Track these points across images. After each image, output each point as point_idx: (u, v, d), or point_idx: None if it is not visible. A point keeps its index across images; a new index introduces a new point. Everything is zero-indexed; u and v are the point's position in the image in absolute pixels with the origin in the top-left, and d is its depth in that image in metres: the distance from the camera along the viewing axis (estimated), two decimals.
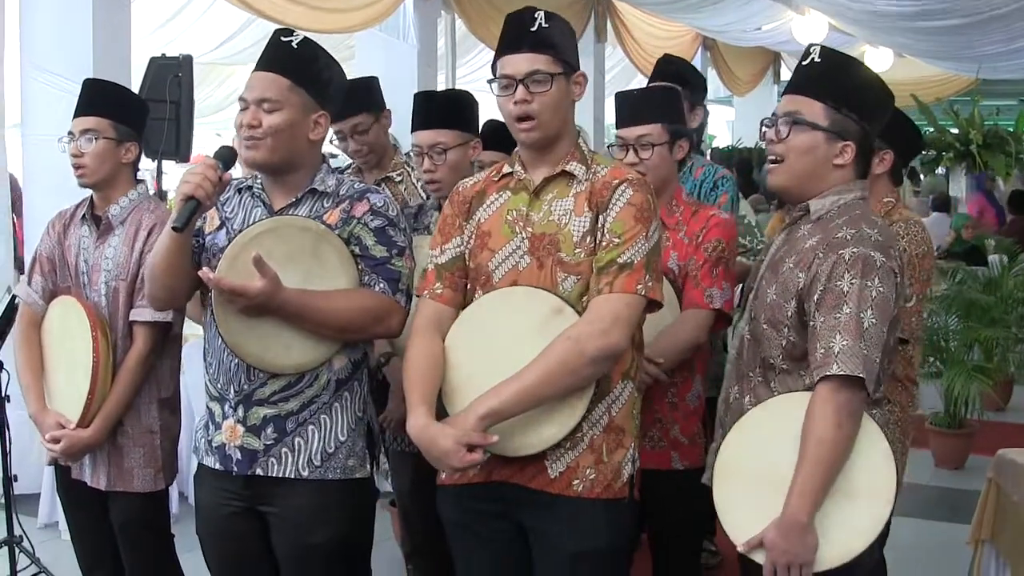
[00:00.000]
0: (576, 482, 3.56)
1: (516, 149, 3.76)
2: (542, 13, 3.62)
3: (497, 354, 3.51)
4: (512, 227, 3.66)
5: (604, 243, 3.52)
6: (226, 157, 3.76)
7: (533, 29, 3.59)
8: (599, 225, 3.54)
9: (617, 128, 4.58)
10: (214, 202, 3.73)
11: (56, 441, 4.42)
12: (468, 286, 3.74)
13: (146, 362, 4.49)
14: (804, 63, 3.57)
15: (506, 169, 3.76)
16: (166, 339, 4.56)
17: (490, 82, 3.69)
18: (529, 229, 3.63)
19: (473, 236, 3.74)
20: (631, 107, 4.56)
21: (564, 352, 3.41)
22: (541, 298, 3.54)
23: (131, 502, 4.55)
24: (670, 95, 4.72)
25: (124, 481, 4.54)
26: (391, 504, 5.66)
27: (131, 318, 4.47)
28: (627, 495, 3.62)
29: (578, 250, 3.55)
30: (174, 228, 3.62)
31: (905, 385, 4.59)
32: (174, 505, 7.08)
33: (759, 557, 3.35)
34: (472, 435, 3.41)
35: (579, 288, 3.54)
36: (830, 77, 3.51)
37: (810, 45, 3.61)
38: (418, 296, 3.79)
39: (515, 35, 3.63)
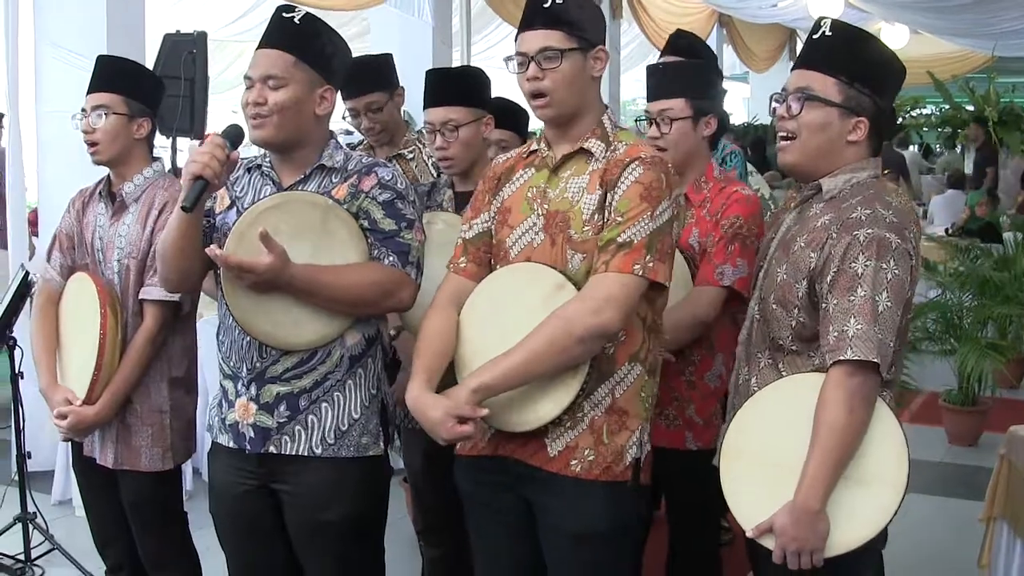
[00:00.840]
0: (574, 462, 3.54)
1: (543, 125, 3.74)
2: None
3: (503, 329, 3.51)
4: (530, 204, 3.66)
5: (609, 221, 3.49)
6: (233, 135, 3.74)
7: (546, 5, 3.55)
8: (607, 203, 3.51)
9: (647, 100, 4.55)
10: (223, 181, 3.71)
11: (63, 417, 4.43)
12: (492, 261, 3.75)
13: (155, 340, 4.48)
14: (815, 36, 3.50)
15: (533, 146, 3.76)
16: (177, 318, 4.55)
17: (507, 60, 3.67)
18: (545, 206, 3.62)
19: (497, 212, 3.76)
20: (655, 81, 4.54)
21: (554, 330, 3.39)
22: (545, 274, 3.53)
23: (139, 481, 4.56)
24: (696, 69, 4.69)
25: (131, 460, 4.54)
26: (404, 481, 5.67)
27: (140, 296, 4.47)
28: (630, 479, 3.58)
29: (586, 228, 3.53)
30: (183, 208, 3.60)
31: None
32: (188, 482, 7.13)
33: (768, 542, 3.33)
34: (462, 407, 3.41)
35: (585, 266, 3.52)
36: (842, 51, 3.44)
37: (820, 18, 3.53)
38: (446, 269, 3.81)
39: (530, 12, 3.60)
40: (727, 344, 4.31)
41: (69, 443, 4.83)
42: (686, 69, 4.69)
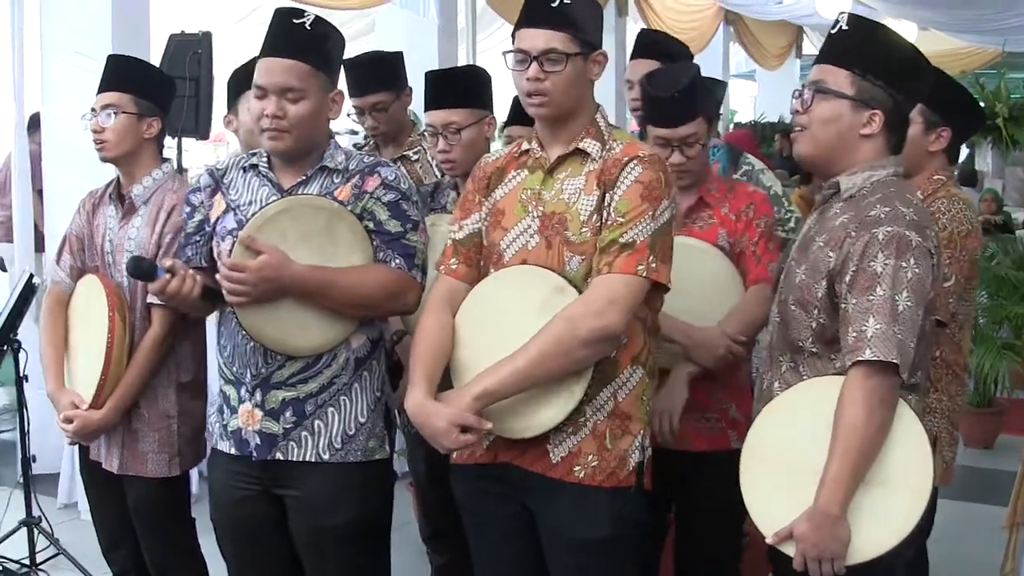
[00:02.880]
0: (577, 468, 3.51)
1: (535, 125, 3.69)
2: None
3: (501, 332, 3.48)
4: (525, 206, 3.62)
5: (609, 222, 3.45)
6: (143, 271, 3.76)
7: (554, 4, 3.50)
8: (606, 203, 3.47)
9: (654, 126, 4.37)
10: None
11: (70, 421, 4.40)
12: (483, 263, 3.71)
13: (162, 345, 4.44)
14: (832, 32, 3.46)
15: (524, 146, 3.72)
16: (186, 322, 4.50)
17: (505, 53, 3.62)
18: (540, 208, 3.59)
19: (489, 213, 3.71)
20: (674, 107, 4.32)
21: (558, 332, 3.36)
22: (543, 276, 3.50)
23: (145, 486, 4.52)
24: (701, 85, 4.59)
25: (137, 465, 4.51)
26: (411, 485, 5.62)
27: (148, 300, 4.42)
28: (633, 484, 3.55)
29: (584, 229, 3.49)
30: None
31: (955, 372, 4.43)
32: (195, 485, 7.08)
33: (789, 549, 3.27)
34: (466, 416, 3.39)
35: (584, 268, 3.49)
36: (856, 44, 3.40)
37: (840, 13, 3.50)
38: (436, 271, 3.77)
39: (535, 8, 3.54)
40: (752, 341, 4.33)
41: (76, 447, 4.81)
42: (695, 86, 4.56)
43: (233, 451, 3.84)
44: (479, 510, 3.75)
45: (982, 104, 17.89)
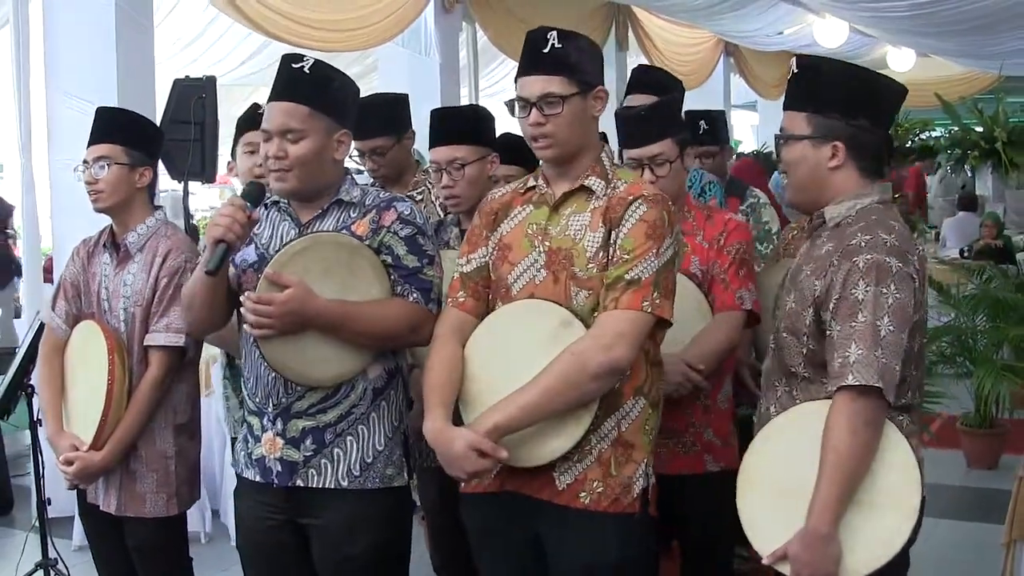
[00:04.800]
0: (583, 494, 3.57)
1: (541, 162, 3.78)
2: (555, 33, 3.61)
3: (508, 366, 3.54)
4: (531, 241, 3.69)
5: (615, 259, 3.53)
6: (254, 195, 3.81)
7: (545, 51, 3.60)
8: (611, 241, 3.55)
9: (626, 148, 4.52)
10: (245, 241, 3.79)
11: (69, 463, 4.44)
12: (491, 296, 3.78)
13: (160, 386, 4.50)
14: (789, 78, 3.58)
15: (531, 182, 3.80)
16: (181, 364, 4.57)
17: (508, 103, 3.72)
18: (547, 243, 3.65)
19: (496, 248, 3.78)
20: (641, 126, 4.49)
21: (567, 367, 3.43)
22: (551, 311, 3.56)
23: (144, 527, 4.55)
24: (672, 107, 4.70)
25: (135, 506, 4.54)
26: (423, 519, 5.66)
27: (145, 342, 4.49)
28: (638, 510, 3.60)
29: (591, 265, 3.56)
30: (207, 272, 3.70)
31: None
32: (207, 524, 7.13)
33: (785, 569, 3.34)
34: (483, 442, 3.44)
35: (591, 303, 3.56)
36: (807, 84, 3.51)
37: (791, 59, 3.62)
38: (444, 303, 3.85)
39: (530, 56, 3.64)
40: (731, 365, 4.46)
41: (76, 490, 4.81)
42: (662, 108, 4.65)
43: (258, 479, 3.89)
44: (489, 539, 3.80)
45: (980, 129, 18.04)
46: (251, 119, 5.01)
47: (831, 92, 3.47)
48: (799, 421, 3.43)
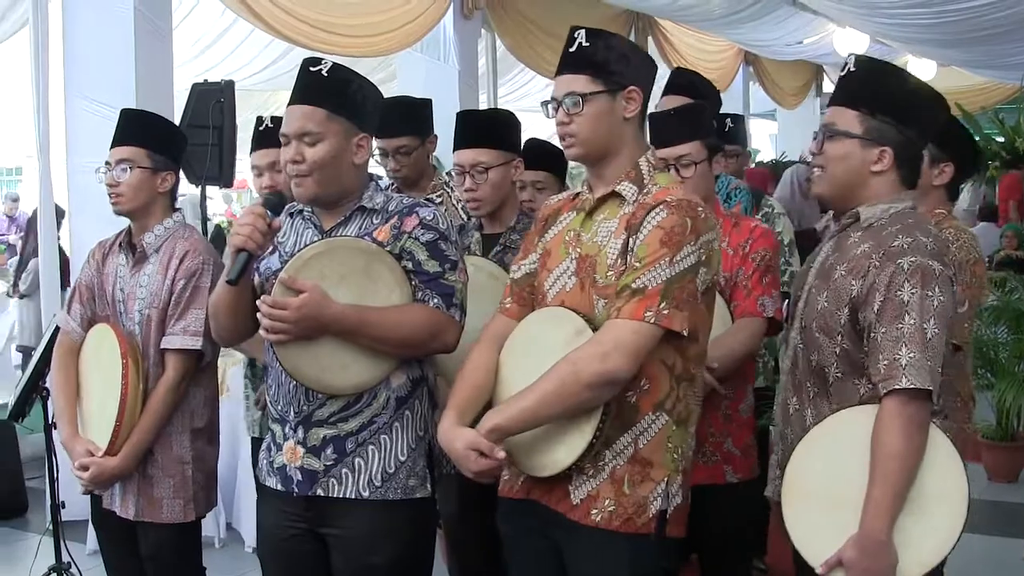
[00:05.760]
0: (595, 512, 3.50)
1: (584, 168, 3.75)
2: (583, 32, 3.58)
3: (529, 372, 3.49)
4: (567, 248, 3.65)
5: (628, 266, 3.46)
6: (275, 204, 3.79)
7: (572, 49, 3.58)
8: (629, 248, 3.47)
9: (656, 148, 4.51)
10: (266, 250, 3.77)
11: (84, 469, 4.41)
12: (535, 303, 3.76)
13: (176, 390, 4.46)
14: (842, 74, 3.57)
15: (579, 188, 3.76)
16: (199, 368, 4.54)
17: (543, 104, 3.69)
18: (578, 250, 3.61)
19: (540, 254, 3.77)
20: (669, 127, 4.51)
21: (562, 374, 3.37)
22: (568, 319, 3.52)
23: (160, 533, 4.51)
24: (703, 111, 4.70)
25: (152, 511, 4.50)
26: (438, 526, 5.64)
27: (162, 345, 4.47)
28: (653, 531, 3.50)
29: (610, 273, 3.49)
30: (228, 282, 3.68)
31: (964, 400, 4.48)
32: (221, 529, 7.11)
33: None
34: (480, 442, 3.42)
35: (608, 311, 3.48)
36: (864, 84, 3.50)
37: (849, 55, 3.60)
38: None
39: (563, 56, 3.61)
40: (752, 375, 4.43)
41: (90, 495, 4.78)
42: (694, 111, 4.67)
43: (279, 487, 3.86)
44: (516, 544, 3.77)
45: (1001, 139, 18.00)
46: (258, 138, 5.01)
47: (889, 97, 3.48)
48: (842, 429, 3.40)
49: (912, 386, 3.21)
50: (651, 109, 3.87)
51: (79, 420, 4.58)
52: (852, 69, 3.53)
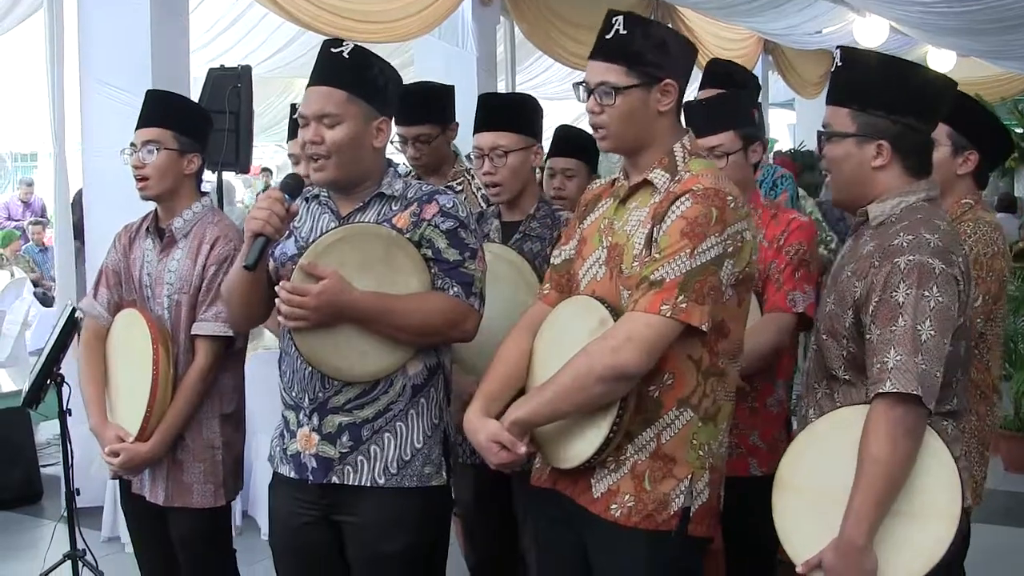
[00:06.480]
0: (614, 506, 3.44)
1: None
2: (621, 19, 3.47)
3: (554, 362, 3.45)
4: (601, 236, 3.59)
5: (649, 257, 3.37)
6: (292, 187, 3.76)
7: (608, 36, 3.48)
8: (653, 238, 3.39)
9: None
10: (283, 234, 3.74)
11: (115, 455, 4.39)
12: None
13: (207, 376, 4.44)
14: (832, 70, 3.48)
15: (616, 174, 3.70)
16: (228, 354, 4.52)
17: (575, 86, 3.61)
18: (610, 238, 3.55)
19: (578, 241, 3.72)
20: (701, 117, 4.46)
21: (577, 367, 3.33)
22: (593, 309, 3.46)
23: (190, 517, 4.51)
24: (738, 100, 4.65)
25: (183, 497, 4.49)
26: (455, 514, 5.62)
27: (193, 332, 4.44)
28: (674, 528, 3.44)
29: (635, 263, 3.42)
30: (246, 267, 3.64)
31: (984, 392, 4.37)
32: (238, 517, 7.09)
33: None
34: (503, 435, 3.41)
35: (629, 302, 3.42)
36: (851, 79, 3.42)
37: (835, 48, 3.50)
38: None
39: (599, 40, 3.52)
40: (787, 370, 4.30)
41: (117, 482, 4.79)
42: (727, 100, 4.63)
43: (293, 475, 3.84)
44: (544, 531, 3.75)
45: (1020, 130, 17.93)
46: (293, 126, 4.99)
47: (876, 89, 3.37)
48: (838, 426, 3.34)
49: (895, 390, 3.13)
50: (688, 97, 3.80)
51: (108, 406, 4.55)
52: (839, 64, 3.44)
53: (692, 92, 4.20)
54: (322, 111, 3.69)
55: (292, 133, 5.03)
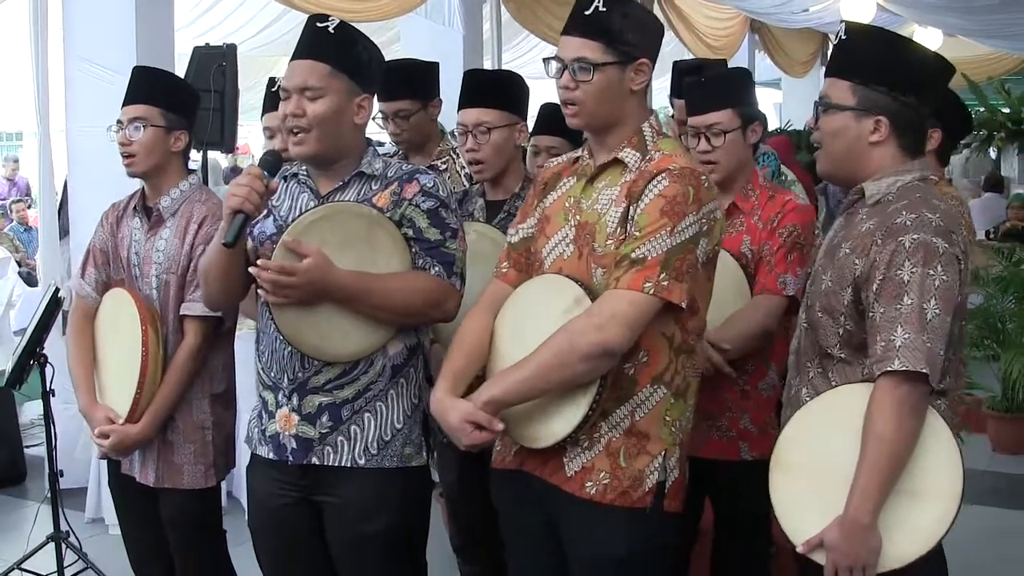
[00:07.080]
0: (589, 484, 3.44)
1: (585, 133, 3.67)
2: None
3: (524, 342, 3.44)
4: (566, 214, 3.57)
5: (628, 235, 3.37)
6: (271, 164, 3.74)
7: (587, 12, 3.45)
8: (629, 216, 3.39)
9: (688, 116, 4.48)
10: (263, 211, 3.72)
11: (105, 436, 4.37)
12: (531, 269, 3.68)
13: (197, 356, 4.42)
14: (835, 43, 3.47)
15: (579, 153, 3.68)
16: (217, 333, 4.50)
17: (546, 61, 3.58)
18: (577, 217, 3.54)
19: (539, 220, 3.69)
20: (699, 94, 4.44)
21: (559, 345, 3.31)
22: (566, 287, 3.45)
23: (180, 498, 4.49)
24: (739, 78, 4.62)
25: (173, 477, 4.48)
26: (440, 495, 5.61)
27: (182, 312, 4.42)
28: (649, 504, 3.44)
29: (609, 241, 3.41)
30: (224, 244, 3.61)
31: (957, 369, 4.40)
32: (224, 499, 7.07)
33: (820, 558, 3.25)
34: (477, 414, 3.39)
35: (606, 280, 3.40)
36: (856, 53, 3.40)
37: (840, 22, 3.49)
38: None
39: (573, 14, 3.49)
40: (780, 354, 4.26)
41: (104, 461, 4.77)
42: (728, 77, 4.61)
43: (272, 456, 3.83)
44: (513, 515, 3.72)
45: (1007, 110, 17.91)
46: (270, 99, 4.96)
47: (880, 65, 3.36)
48: (837, 405, 3.32)
49: (904, 368, 3.12)
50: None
51: (96, 386, 4.53)
52: (844, 37, 3.43)
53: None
54: (305, 83, 3.67)
55: (269, 107, 5.00)
